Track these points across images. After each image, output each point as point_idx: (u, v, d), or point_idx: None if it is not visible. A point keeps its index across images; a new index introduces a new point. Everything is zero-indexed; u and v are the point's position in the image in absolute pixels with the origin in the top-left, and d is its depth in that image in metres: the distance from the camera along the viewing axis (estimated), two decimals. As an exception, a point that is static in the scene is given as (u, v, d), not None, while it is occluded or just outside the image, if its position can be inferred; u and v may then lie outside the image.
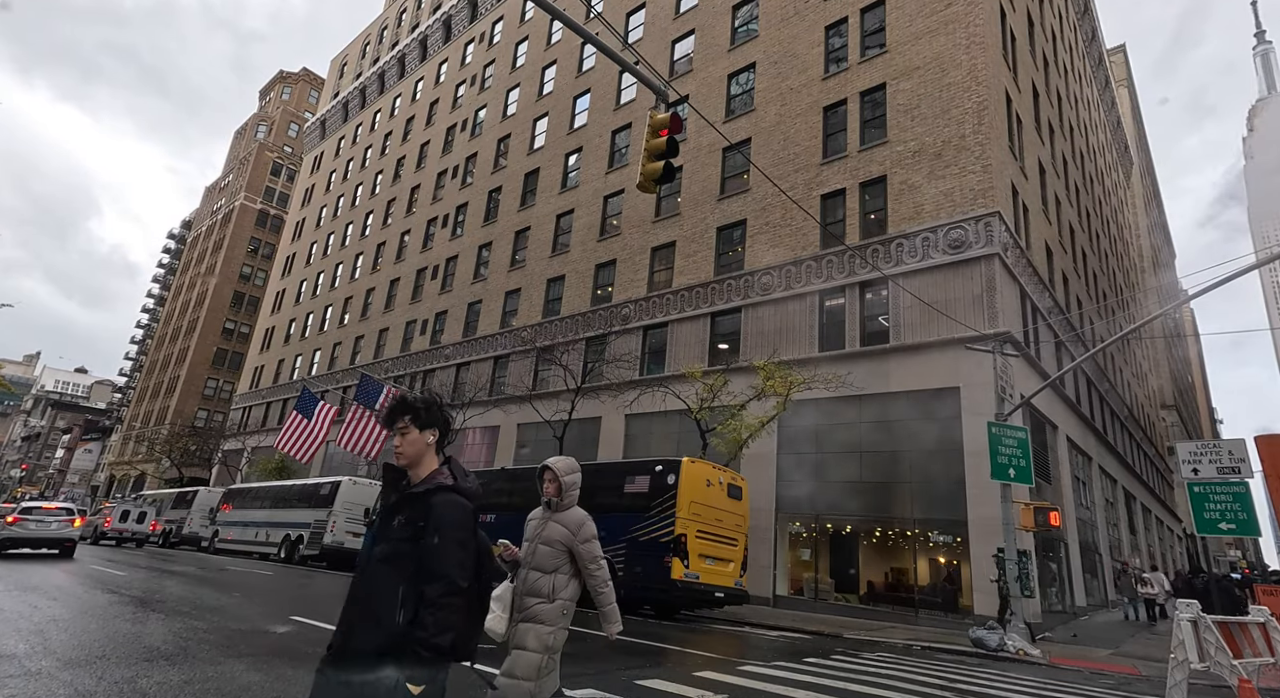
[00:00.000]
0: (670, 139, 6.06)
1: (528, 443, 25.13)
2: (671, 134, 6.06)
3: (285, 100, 74.52)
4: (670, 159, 6.13)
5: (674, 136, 6.10)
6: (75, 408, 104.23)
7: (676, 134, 6.14)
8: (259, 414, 45.65)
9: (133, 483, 61.16)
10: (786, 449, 17.46)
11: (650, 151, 6.16)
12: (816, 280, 18.08)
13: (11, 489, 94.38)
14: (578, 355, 23.68)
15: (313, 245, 48.16)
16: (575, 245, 26.66)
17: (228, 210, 70.11)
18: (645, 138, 6.28)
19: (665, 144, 6.04)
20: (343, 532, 21.11)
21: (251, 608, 9.20)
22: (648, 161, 6.18)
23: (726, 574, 12.35)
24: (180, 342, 67.46)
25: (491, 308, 29.64)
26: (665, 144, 6.04)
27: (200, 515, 29.96)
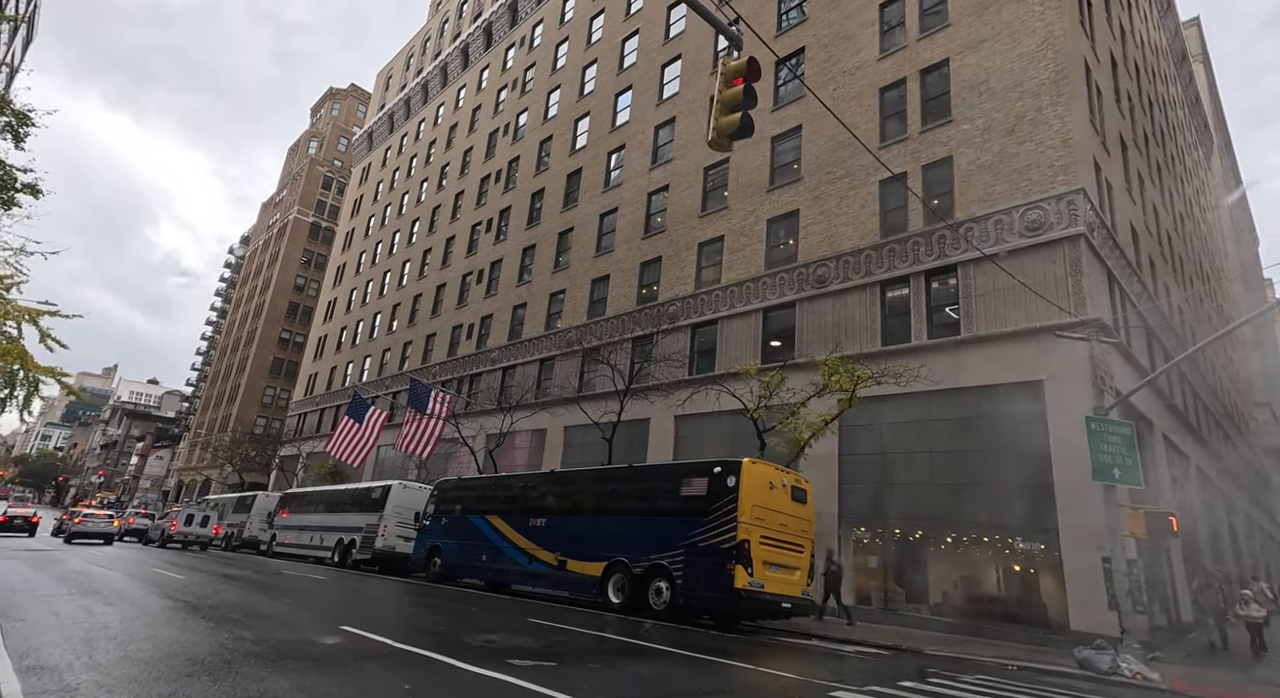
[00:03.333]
0: (748, 87, 5.39)
1: (575, 446, 24.71)
2: (749, 82, 5.39)
3: (335, 116, 76.93)
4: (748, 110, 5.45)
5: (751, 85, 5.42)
6: (147, 417, 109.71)
7: (755, 81, 5.46)
8: (313, 420, 46.80)
9: (199, 488, 63.78)
10: (849, 450, 16.46)
11: (725, 103, 5.51)
12: (878, 270, 17.04)
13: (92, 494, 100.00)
14: (624, 356, 23.13)
15: (362, 255, 49.21)
16: (619, 244, 26.17)
17: (282, 224, 72.67)
18: (718, 90, 5.64)
19: (742, 93, 5.38)
20: (394, 536, 21.05)
21: (302, 616, 8.90)
22: (722, 115, 5.53)
23: (793, 583, 11.51)
24: (240, 352, 70.13)
25: (536, 310, 29.43)
26: (742, 93, 5.38)
27: (259, 519, 30.65)
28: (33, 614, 8.11)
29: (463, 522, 17.38)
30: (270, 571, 18.04)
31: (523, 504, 15.82)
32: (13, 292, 19.49)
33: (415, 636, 7.78)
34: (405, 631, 8.32)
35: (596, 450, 22.19)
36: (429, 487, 23.00)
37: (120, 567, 15.57)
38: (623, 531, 12.80)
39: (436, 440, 26.28)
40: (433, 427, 26.06)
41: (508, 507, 16.26)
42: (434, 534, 18.20)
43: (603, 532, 13.19)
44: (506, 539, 15.62)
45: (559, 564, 13.86)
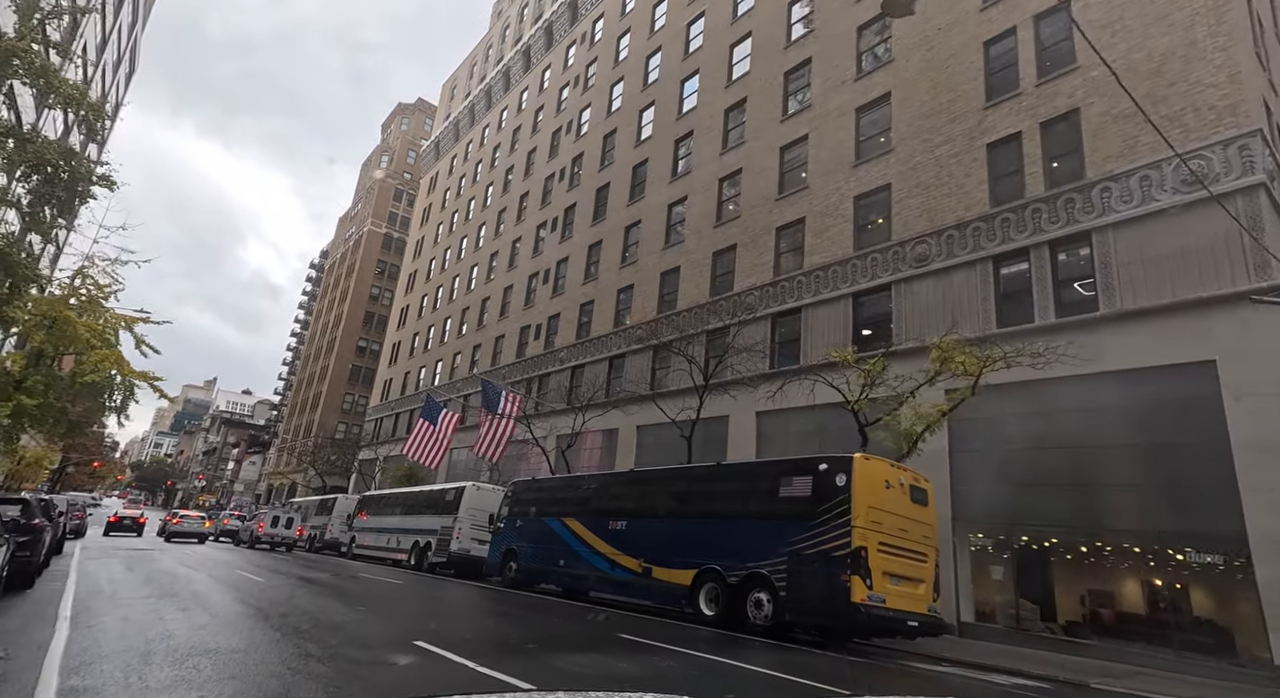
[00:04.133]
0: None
1: (649, 445, 23.61)
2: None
3: (404, 131, 79.51)
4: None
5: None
6: (241, 425, 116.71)
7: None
8: (389, 425, 47.87)
9: (286, 491, 66.84)
10: (961, 445, 14.57)
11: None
12: (989, 244, 15.09)
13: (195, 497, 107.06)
14: (698, 351, 21.85)
15: (431, 261, 50.12)
16: (690, 234, 24.96)
17: (357, 237, 75.58)
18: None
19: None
20: (469, 539, 20.55)
21: (374, 628, 8.13)
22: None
23: (917, 598, 9.92)
24: (321, 360, 73.25)
25: (604, 307, 28.60)
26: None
27: (339, 522, 31.16)
28: (106, 619, 7.67)
29: (538, 525, 16.57)
30: (348, 574, 17.81)
31: (601, 506, 14.82)
32: (110, 301, 20.29)
33: (498, 656, 6.80)
34: (486, 648, 7.39)
35: (672, 450, 21.00)
36: (503, 488, 22.47)
37: (206, 568, 15.61)
38: (714, 535, 11.54)
39: (507, 442, 25.82)
40: (504, 428, 25.62)
41: (585, 509, 15.31)
42: (508, 537, 17.49)
43: (691, 537, 11.97)
44: (585, 543, 14.66)
45: (643, 571, 12.74)
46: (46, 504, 13.93)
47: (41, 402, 17.66)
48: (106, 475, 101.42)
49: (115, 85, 40.19)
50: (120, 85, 42.78)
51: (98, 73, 33.89)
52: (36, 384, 17.74)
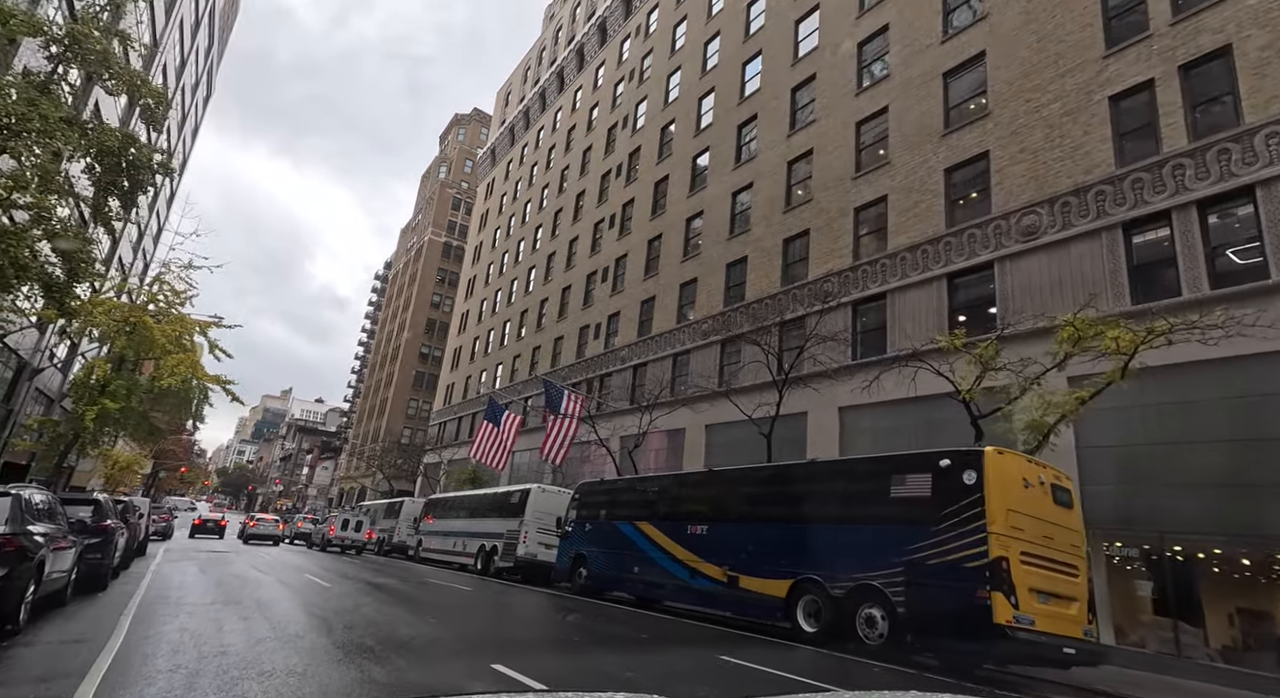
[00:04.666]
0: None
1: (719, 445, 22.34)
2: None
3: (460, 141, 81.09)
4: None
5: None
6: (315, 432, 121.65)
7: None
8: (452, 429, 48.27)
9: (356, 495, 68.78)
10: (1090, 441, 12.70)
11: None
12: (1116, 209, 13.16)
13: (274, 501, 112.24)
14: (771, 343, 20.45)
15: (490, 266, 50.40)
16: (757, 222, 23.61)
17: (418, 246, 77.42)
18: None
19: None
20: (535, 543, 19.81)
21: (444, 644, 7.27)
22: None
23: (1070, 619, 8.33)
24: (387, 367, 75.25)
25: (666, 303, 27.55)
26: None
27: (406, 525, 31.20)
28: (164, 627, 7.09)
29: (608, 528, 15.59)
30: (415, 579, 17.32)
31: (678, 509, 13.70)
32: (185, 306, 20.67)
33: (589, 686, 5.78)
34: (573, 674, 6.38)
35: (745, 450, 19.69)
36: (569, 491, 21.66)
37: (276, 572, 15.36)
38: (812, 542, 10.22)
39: (570, 443, 25.09)
40: (567, 429, 24.92)
41: (659, 512, 14.22)
42: (577, 542, 16.60)
43: (785, 543, 10.68)
44: (661, 549, 13.56)
45: (728, 581, 11.53)
46: (125, 506, 13.93)
47: (123, 406, 18.01)
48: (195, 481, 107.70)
49: (194, 106, 42.19)
50: (199, 107, 44.97)
51: (177, 93, 35.48)
52: (119, 389, 18.11)
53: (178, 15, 30.14)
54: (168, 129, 35.41)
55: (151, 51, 28.35)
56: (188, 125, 42.10)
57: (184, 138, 42.07)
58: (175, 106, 35.95)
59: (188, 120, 41.39)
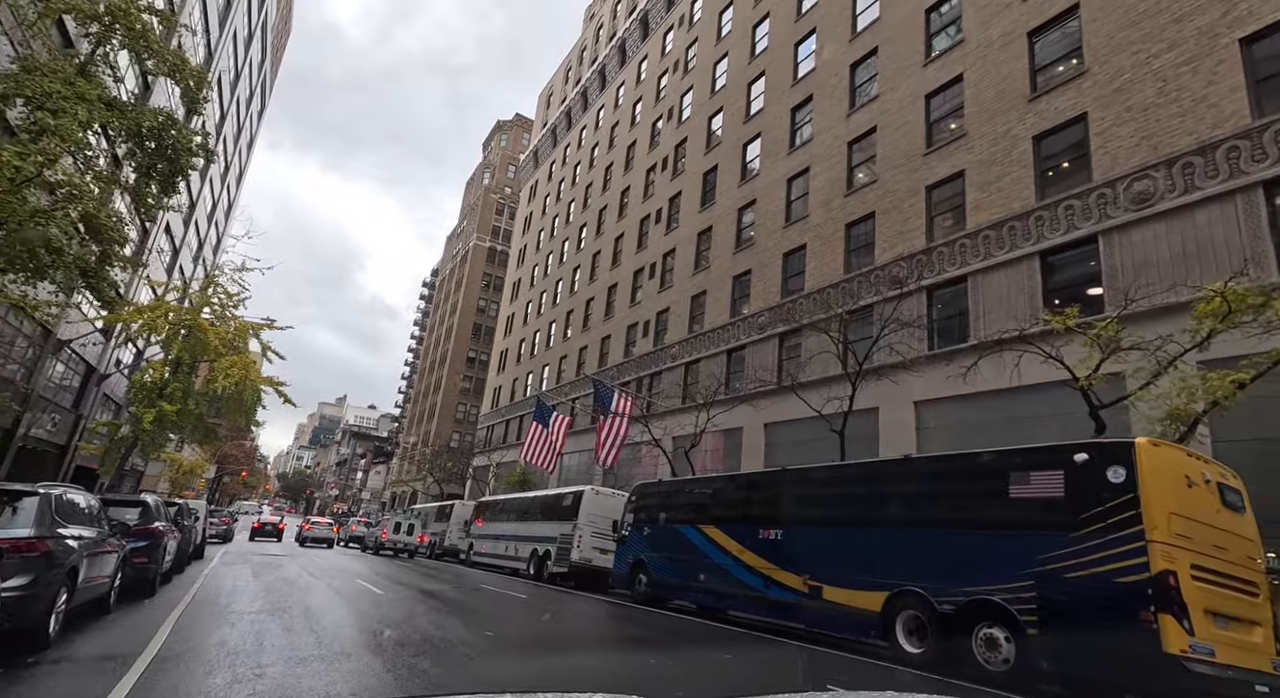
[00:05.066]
0: None
1: (781, 445, 21.08)
2: None
3: (503, 147, 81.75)
4: None
5: None
6: (368, 438, 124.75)
7: None
8: (500, 432, 48.15)
9: (408, 498, 69.76)
10: (1226, 434, 11.00)
11: None
12: (1254, 167, 11.44)
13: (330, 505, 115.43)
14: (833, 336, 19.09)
15: (535, 268, 50.21)
16: (815, 207, 22.28)
17: (463, 252, 78.30)
18: None
19: None
20: (590, 547, 18.96)
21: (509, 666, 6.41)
22: None
23: (1255, 649, 6.86)
24: (435, 372, 76.23)
25: (718, 297, 26.42)
26: None
27: (457, 528, 30.90)
28: (203, 641, 6.42)
29: (670, 533, 14.58)
30: (469, 584, 16.68)
31: (747, 511, 12.59)
32: (238, 309, 20.72)
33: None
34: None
35: (809, 449, 18.41)
36: (623, 493, 20.76)
37: (327, 577, 14.92)
38: (914, 549, 8.97)
39: (622, 444, 24.25)
40: (618, 429, 24.09)
41: (726, 514, 13.14)
42: (636, 547, 15.64)
43: (880, 550, 9.46)
44: (729, 555, 12.48)
45: (810, 591, 10.36)
46: (179, 509, 13.68)
47: (180, 407, 18.04)
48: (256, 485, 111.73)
49: (249, 119, 43.39)
50: (253, 120, 46.28)
51: (232, 105, 36.44)
52: (176, 391, 18.16)
53: (231, 27, 30.78)
54: (224, 140, 36.35)
55: (205, 65, 28.96)
56: (243, 138, 43.31)
57: (239, 150, 43.29)
58: (230, 118, 36.90)
59: (243, 133, 42.57)
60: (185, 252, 34.48)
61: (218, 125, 34.01)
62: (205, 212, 37.76)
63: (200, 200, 34.87)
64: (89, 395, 24.91)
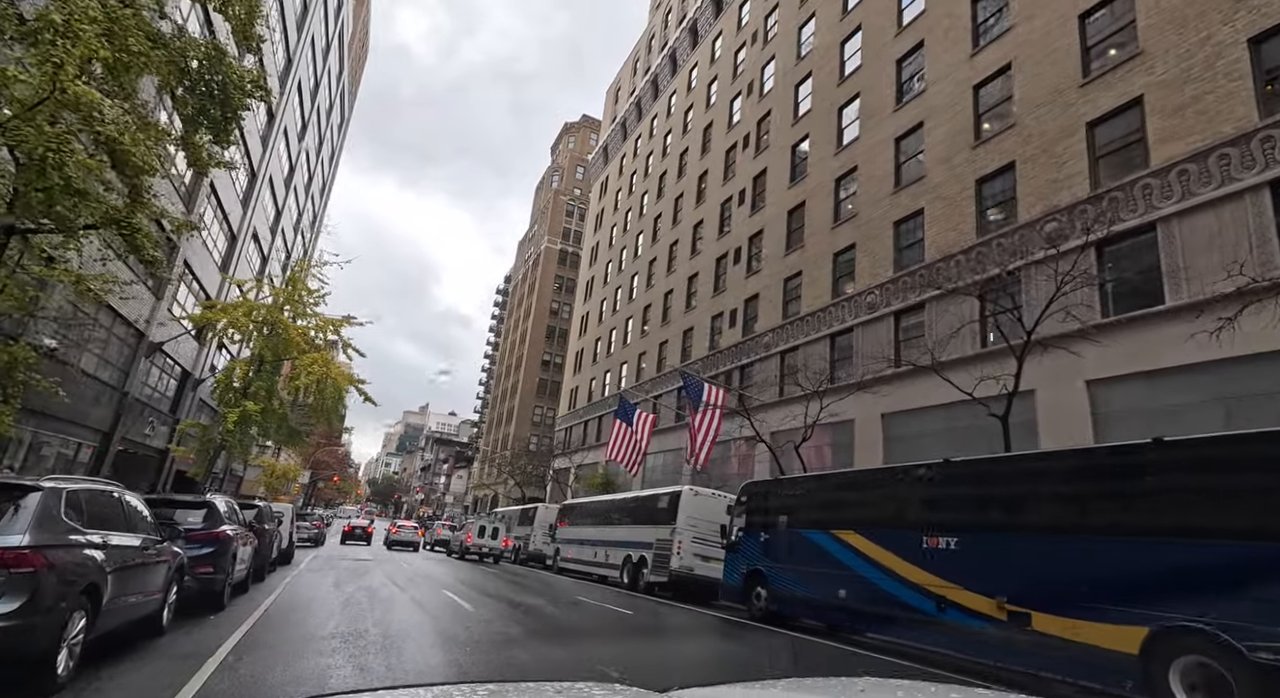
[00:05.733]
0: None
1: (903, 439, 18.36)
2: None
3: (571, 149, 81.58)
4: None
5: None
6: (449, 443, 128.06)
7: None
8: (578, 433, 47.03)
9: (490, 502, 70.13)
10: None
11: None
12: None
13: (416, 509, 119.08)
14: (965, 308, 16.30)
15: (608, 265, 48.92)
16: (933, 166, 19.46)
17: (535, 255, 78.48)
18: None
19: None
20: (690, 555, 16.97)
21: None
22: None
23: None
24: (511, 377, 76.63)
25: (816, 277, 23.87)
26: None
27: (541, 532, 29.68)
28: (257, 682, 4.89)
29: (793, 539, 12.37)
30: (563, 596, 15.04)
31: (902, 514, 10.23)
32: (319, 305, 20.13)
33: None
34: None
35: (942, 442, 15.71)
36: (725, 494, 18.66)
37: (413, 587, 13.63)
38: (1193, 568, 6.42)
39: (714, 439, 22.20)
40: (710, 423, 22.05)
41: (873, 517, 10.82)
42: (750, 555, 13.50)
43: (1129, 567, 6.94)
44: (879, 567, 10.15)
45: (1010, 618, 7.93)
46: (260, 512, 12.72)
47: (264, 407, 17.47)
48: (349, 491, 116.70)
49: (330, 130, 44.45)
50: (334, 132, 47.49)
51: (313, 115, 37.12)
52: (259, 390, 17.61)
53: (308, 33, 31.07)
54: (305, 150, 37.09)
55: (285, 69, 29.24)
56: (325, 149, 44.39)
57: (322, 162, 44.37)
58: (311, 129, 37.66)
59: (324, 144, 43.61)
60: (274, 261, 35.21)
61: (299, 132, 34.63)
62: (291, 221, 38.60)
63: (285, 209, 35.57)
64: (185, 400, 25.28)
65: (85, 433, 16.90)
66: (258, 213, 29.33)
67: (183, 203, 19.70)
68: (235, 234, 27.00)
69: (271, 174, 30.63)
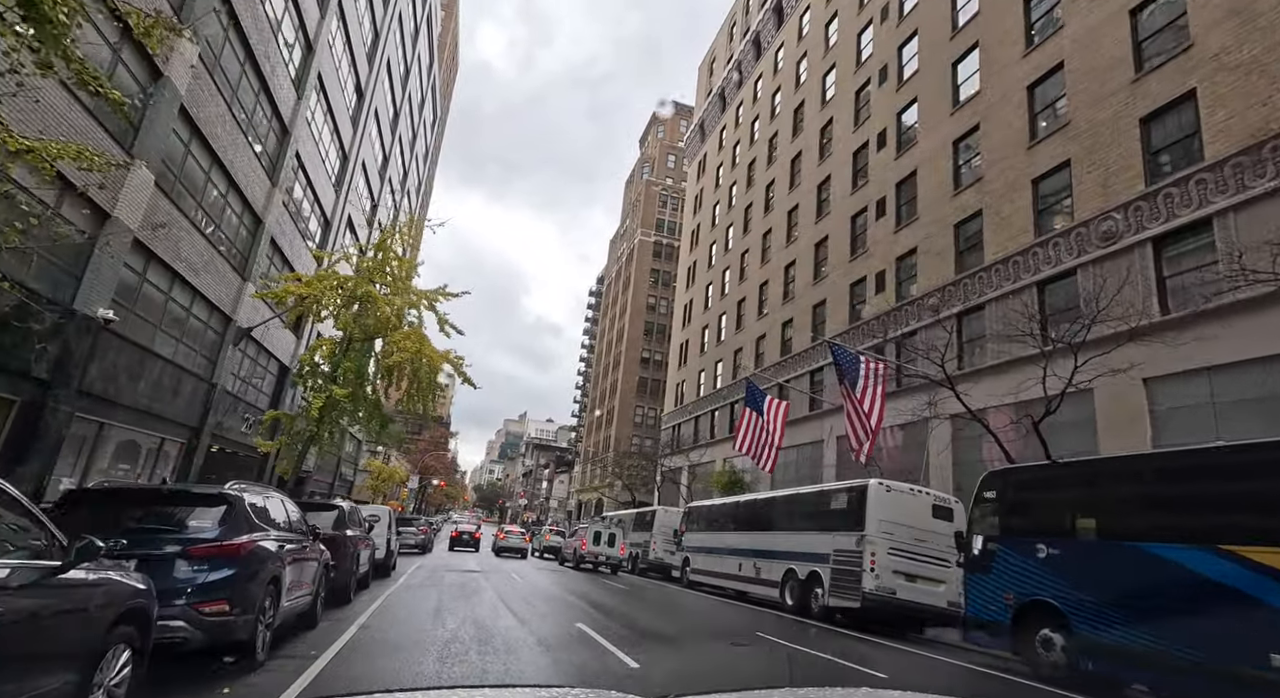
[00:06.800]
0: None
1: (1182, 408, 12.96)
2: None
3: (660, 138, 78.46)
4: None
5: None
6: (549, 449, 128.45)
7: None
8: (688, 430, 43.14)
9: (594, 507, 67.72)
10: None
11: None
12: None
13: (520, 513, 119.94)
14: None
15: (712, 246, 44.87)
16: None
17: (629, 250, 75.77)
18: None
19: None
20: (889, 572, 12.55)
21: None
22: None
23: None
24: (609, 377, 74.13)
25: (1008, 213, 18.66)
26: None
27: (662, 539, 25.97)
28: None
29: (1116, 557, 7.78)
30: (728, 626, 11.10)
31: None
32: (411, 278, 17.53)
33: None
34: None
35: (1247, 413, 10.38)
36: (925, 490, 14.05)
37: (535, 617, 10.13)
38: None
39: (879, 424, 17.66)
40: (872, 403, 17.58)
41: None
42: (1021, 579, 8.96)
43: None
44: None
45: None
46: (341, 514, 9.72)
47: (353, 390, 14.87)
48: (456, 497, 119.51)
49: (422, 124, 43.42)
50: (427, 128, 46.61)
51: (404, 103, 35.82)
52: (346, 372, 15.05)
53: (395, 9, 29.41)
54: (400, 142, 35.79)
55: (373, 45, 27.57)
56: (419, 145, 43.43)
57: (416, 157, 43.38)
58: (404, 119, 36.40)
59: (418, 140, 42.62)
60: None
61: (392, 121, 33.22)
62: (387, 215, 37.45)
63: (381, 202, 34.30)
64: (285, 397, 23.73)
65: (165, 426, 14.98)
66: (352, 201, 27.78)
67: (261, 164, 17.73)
68: (329, 219, 25.41)
69: (365, 160, 29.11)
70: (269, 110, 18.00)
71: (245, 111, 16.38)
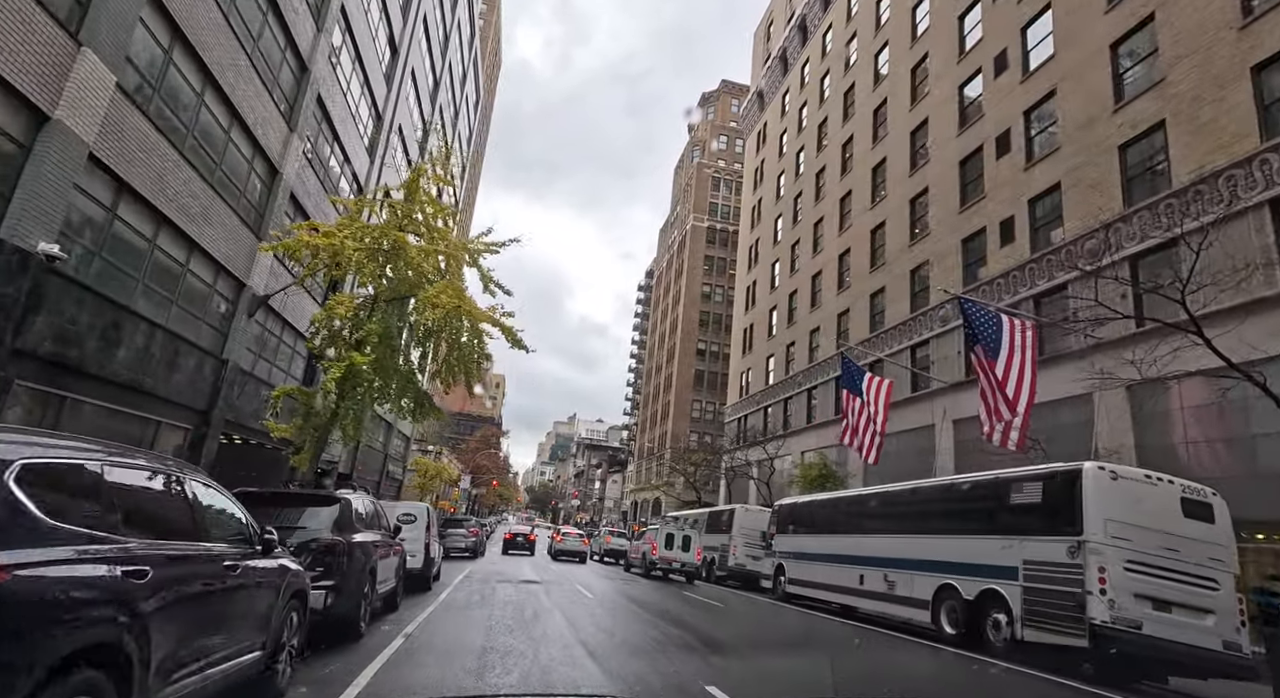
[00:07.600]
0: None
1: None
2: None
3: (710, 120, 74.59)
4: None
5: None
6: (600, 448, 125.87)
7: None
8: (756, 421, 39.22)
9: (650, 507, 64.26)
10: None
11: None
12: None
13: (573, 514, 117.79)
14: None
15: (778, 218, 40.85)
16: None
17: (680, 237, 72.19)
18: None
19: None
20: (1127, 594, 8.63)
21: None
22: None
23: None
24: (664, 371, 70.66)
25: (1221, 111, 14.22)
26: None
27: (742, 542, 22.30)
28: None
29: None
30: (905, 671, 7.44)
31: None
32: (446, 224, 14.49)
33: None
34: None
35: None
36: (1171, 479, 9.95)
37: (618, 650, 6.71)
38: None
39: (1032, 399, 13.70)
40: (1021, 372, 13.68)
41: None
42: None
43: None
44: None
45: None
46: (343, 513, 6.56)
47: (377, 355, 11.86)
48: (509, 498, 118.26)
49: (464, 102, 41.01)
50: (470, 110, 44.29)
51: (444, 72, 33.28)
52: (370, 335, 12.06)
53: None
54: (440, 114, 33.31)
55: None
56: (461, 124, 41.07)
57: (458, 136, 40.99)
58: (444, 90, 33.91)
59: (460, 117, 40.25)
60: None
61: (431, 90, 30.70)
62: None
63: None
64: (317, 380, 21.20)
65: (160, 407, 12.32)
66: (390, 168, 25.21)
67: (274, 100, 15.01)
68: (362, 187, 22.84)
69: (402, 126, 26.55)
70: (281, 38, 15.30)
71: (248, 27, 13.66)
